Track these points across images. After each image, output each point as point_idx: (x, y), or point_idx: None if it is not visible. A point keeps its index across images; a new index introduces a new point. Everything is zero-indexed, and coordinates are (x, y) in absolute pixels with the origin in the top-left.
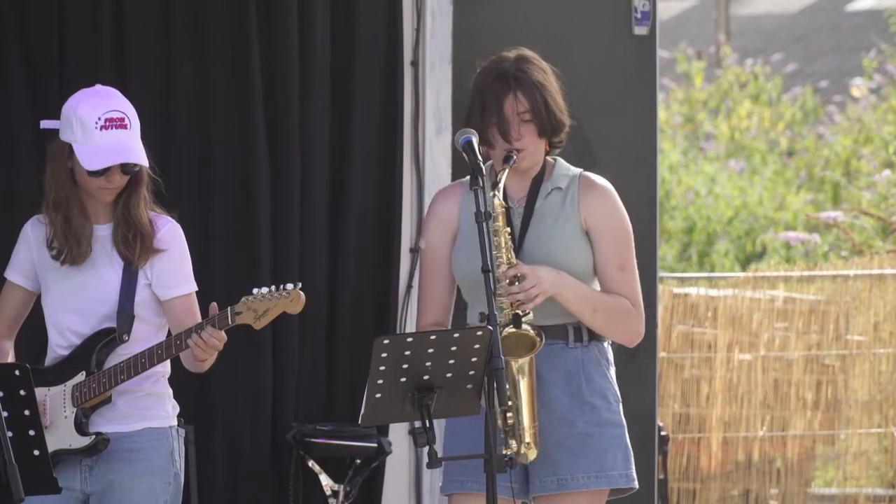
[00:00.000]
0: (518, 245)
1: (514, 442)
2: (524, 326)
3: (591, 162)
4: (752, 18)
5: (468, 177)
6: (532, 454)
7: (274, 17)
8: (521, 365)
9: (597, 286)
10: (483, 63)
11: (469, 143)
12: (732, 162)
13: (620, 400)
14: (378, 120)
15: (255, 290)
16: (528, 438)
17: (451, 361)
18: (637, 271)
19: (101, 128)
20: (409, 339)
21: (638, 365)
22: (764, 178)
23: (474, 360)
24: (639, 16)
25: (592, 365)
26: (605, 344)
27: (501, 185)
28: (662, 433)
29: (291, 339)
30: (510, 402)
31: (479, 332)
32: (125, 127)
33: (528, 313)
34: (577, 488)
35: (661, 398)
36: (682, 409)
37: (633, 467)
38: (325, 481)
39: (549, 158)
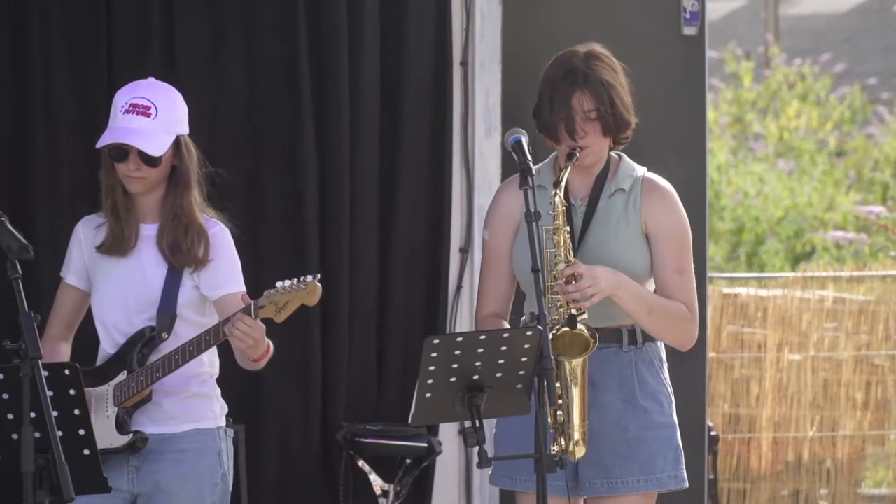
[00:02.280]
0: (578, 243)
1: (562, 439)
2: (579, 327)
3: (639, 163)
4: (800, 19)
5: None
6: (580, 452)
7: (323, 17)
8: (573, 367)
9: (653, 289)
10: (556, 55)
11: (518, 142)
12: (781, 162)
13: (673, 400)
14: (428, 120)
15: (278, 284)
16: (577, 436)
17: (501, 361)
18: (694, 276)
19: (125, 112)
20: (459, 339)
21: (688, 365)
22: (813, 178)
23: (524, 359)
24: (687, 16)
25: (646, 366)
26: (658, 343)
27: (563, 184)
28: (712, 433)
29: (342, 338)
30: (560, 401)
31: (529, 332)
32: (148, 115)
33: (584, 312)
34: (627, 491)
35: (710, 398)
36: (732, 409)
37: (684, 467)
38: (375, 481)
39: (613, 155)
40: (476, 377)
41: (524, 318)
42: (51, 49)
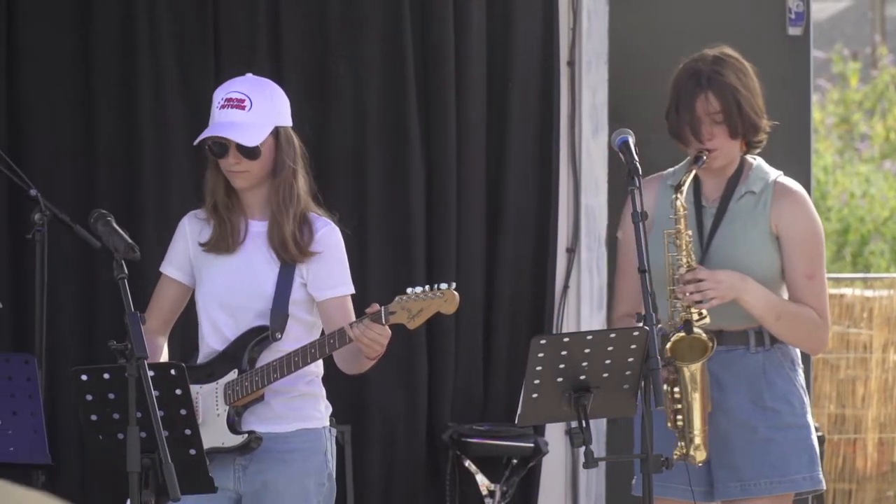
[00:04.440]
0: (706, 245)
1: (682, 443)
2: (696, 331)
3: None
4: None
5: (669, 169)
6: (700, 456)
7: (429, 18)
8: (692, 371)
9: (785, 294)
10: (686, 59)
11: (625, 142)
12: (888, 163)
13: (807, 402)
14: (534, 120)
15: (409, 290)
16: (697, 441)
17: (608, 361)
18: (826, 282)
19: (221, 107)
20: (566, 339)
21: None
22: None
23: (630, 360)
24: (793, 16)
25: (774, 368)
26: (789, 345)
27: (685, 188)
28: (818, 434)
29: (448, 338)
30: (680, 405)
31: (636, 332)
32: (243, 108)
33: (705, 317)
34: (760, 494)
35: (816, 399)
36: (838, 409)
37: (820, 468)
38: (482, 481)
39: (748, 159)
40: (583, 377)
41: (658, 328)
42: (159, 51)
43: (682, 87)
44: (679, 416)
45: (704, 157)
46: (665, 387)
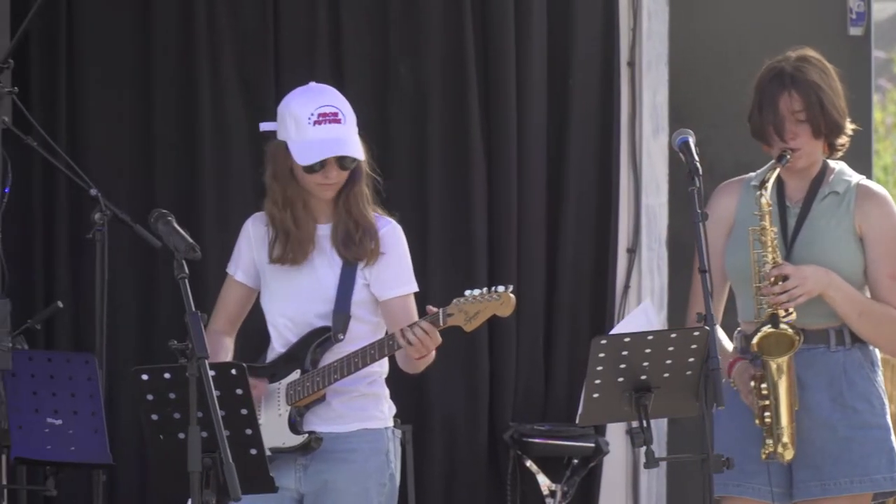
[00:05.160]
0: (790, 244)
1: (770, 441)
2: (782, 326)
3: None
4: None
5: (751, 173)
6: (789, 454)
7: (490, 18)
8: (779, 364)
9: (867, 294)
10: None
11: (686, 143)
12: None
13: (887, 403)
14: (595, 121)
15: (466, 292)
16: (785, 438)
17: (669, 361)
18: None
19: (315, 123)
20: (627, 340)
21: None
22: None
23: (691, 360)
24: (854, 16)
25: (855, 368)
26: (871, 346)
27: (769, 185)
28: None
29: (509, 338)
30: (768, 402)
31: (696, 332)
32: (339, 122)
33: (792, 313)
34: (840, 493)
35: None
36: None
37: None
38: (543, 481)
39: (831, 163)
40: (643, 377)
41: (739, 329)
42: (218, 52)
43: (766, 86)
44: (767, 413)
45: (788, 157)
46: (752, 384)
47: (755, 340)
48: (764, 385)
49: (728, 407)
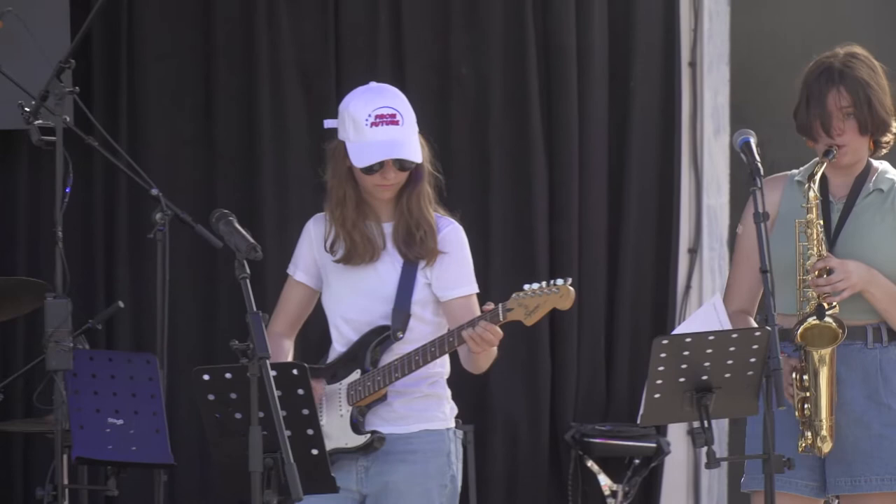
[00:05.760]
0: (833, 240)
1: (809, 433)
2: (826, 318)
3: None
4: None
5: (794, 170)
6: (826, 447)
7: (551, 19)
8: (821, 356)
9: None
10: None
11: (747, 143)
12: None
13: None
14: (656, 121)
15: (525, 286)
16: (824, 431)
17: (730, 362)
18: None
19: (372, 124)
20: (688, 340)
21: None
22: None
23: (752, 360)
24: None
25: (891, 366)
26: None
27: (817, 178)
28: None
29: (570, 339)
30: (808, 393)
31: (758, 333)
32: (397, 123)
33: (835, 306)
34: (871, 490)
35: None
36: None
37: None
38: (604, 481)
39: (874, 162)
40: (705, 377)
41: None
42: (279, 52)
43: (814, 82)
44: (806, 405)
45: (834, 152)
46: (793, 375)
47: (800, 331)
48: (805, 377)
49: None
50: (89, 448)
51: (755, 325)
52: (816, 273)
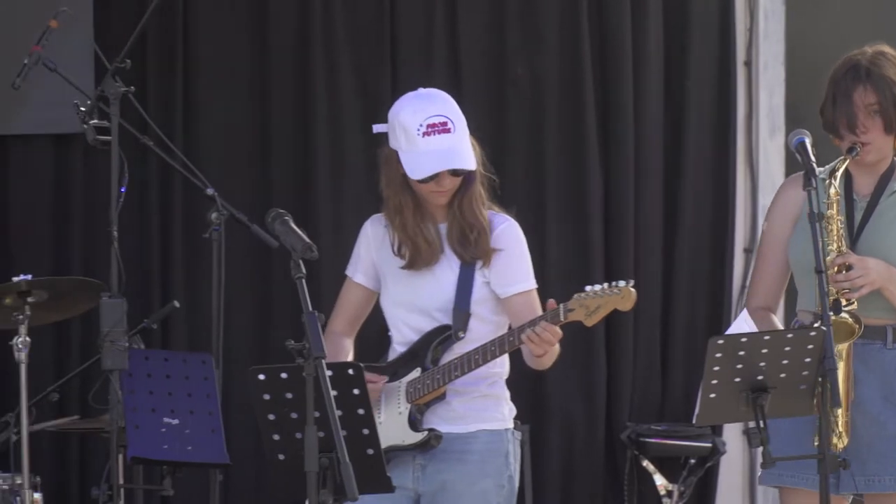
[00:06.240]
0: (856, 238)
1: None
2: (843, 314)
3: None
4: None
5: (820, 167)
6: (842, 443)
7: (606, 19)
8: (838, 351)
9: None
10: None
11: (802, 143)
12: None
13: None
14: (711, 121)
15: (587, 288)
16: (840, 427)
17: (785, 361)
18: None
19: (424, 134)
20: (744, 339)
21: None
22: None
23: (808, 360)
24: None
25: None
26: None
27: (839, 175)
28: None
29: (626, 339)
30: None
31: (813, 333)
32: (448, 131)
33: (853, 303)
34: (884, 489)
35: None
36: None
37: None
38: (660, 481)
39: None
40: (760, 377)
41: (795, 319)
42: (334, 53)
43: (840, 79)
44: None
45: (858, 149)
46: None
47: (816, 326)
48: None
49: None
50: (145, 448)
51: (778, 322)
52: (835, 269)
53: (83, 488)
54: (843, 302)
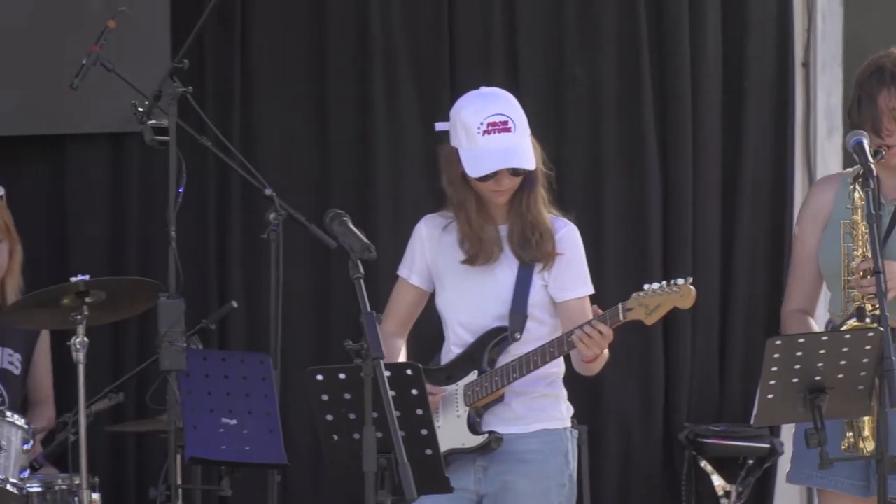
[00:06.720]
0: (883, 242)
1: (851, 433)
2: (867, 320)
3: None
4: None
5: (849, 169)
6: (869, 446)
7: (664, 20)
8: None
9: None
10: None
11: (860, 144)
12: None
13: None
14: (769, 121)
15: (645, 286)
16: (866, 431)
17: (843, 362)
18: None
19: (484, 132)
20: (801, 340)
21: None
22: None
23: (865, 360)
24: None
25: None
26: None
27: (860, 179)
28: None
29: (684, 339)
30: None
31: (871, 333)
32: (509, 130)
33: (877, 308)
34: None
35: None
36: None
37: None
38: (717, 482)
39: None
40: (818, 378)
41: (830, 321)
42: (394, 53)
43: (865, 82)
44: None
45: (883, 152)
46: None
47: (874, 326)
48: None
49: None
50: (203, 448)
51: (814, 325)
52: (861, 274)
53: (141, 489)
54: (869, 308)
